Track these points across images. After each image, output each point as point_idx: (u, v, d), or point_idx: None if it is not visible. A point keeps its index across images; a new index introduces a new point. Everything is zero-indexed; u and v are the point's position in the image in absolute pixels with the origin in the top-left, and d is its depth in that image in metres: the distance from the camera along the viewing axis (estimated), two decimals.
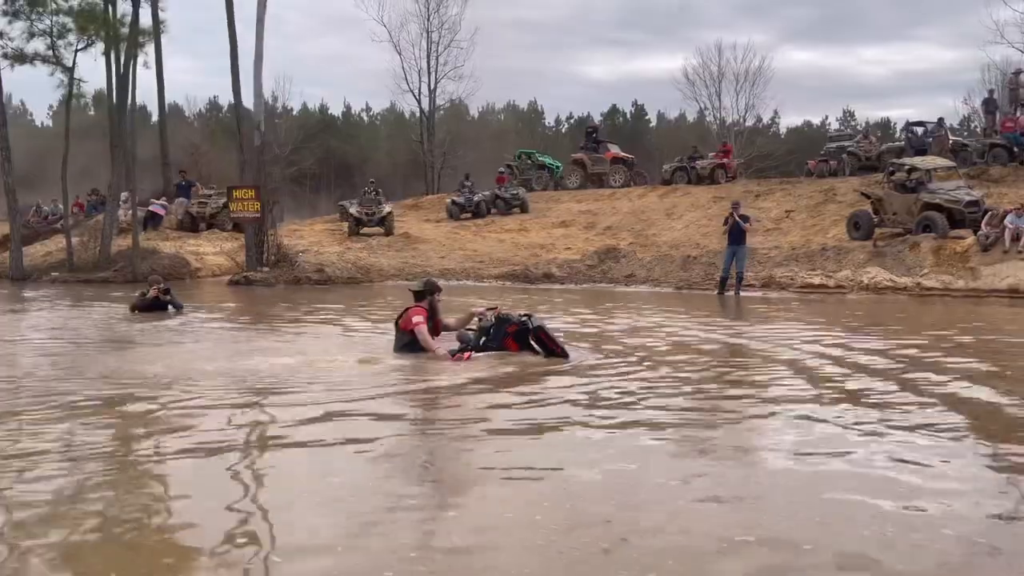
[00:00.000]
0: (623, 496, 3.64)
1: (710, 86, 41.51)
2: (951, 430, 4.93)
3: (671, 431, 4.94)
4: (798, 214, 21.93)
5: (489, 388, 6.23)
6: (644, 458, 4.34)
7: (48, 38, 17.91)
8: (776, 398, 5.93)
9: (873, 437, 4.74)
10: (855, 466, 4.16)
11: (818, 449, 4.50)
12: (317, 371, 6.88)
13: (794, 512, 3.46)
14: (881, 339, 8.88)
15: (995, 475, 4.13)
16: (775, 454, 4.46)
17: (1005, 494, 3.82)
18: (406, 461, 4.31)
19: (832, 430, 4.93)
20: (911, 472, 4.04)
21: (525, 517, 3.34)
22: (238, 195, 17.20)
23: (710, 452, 4.45)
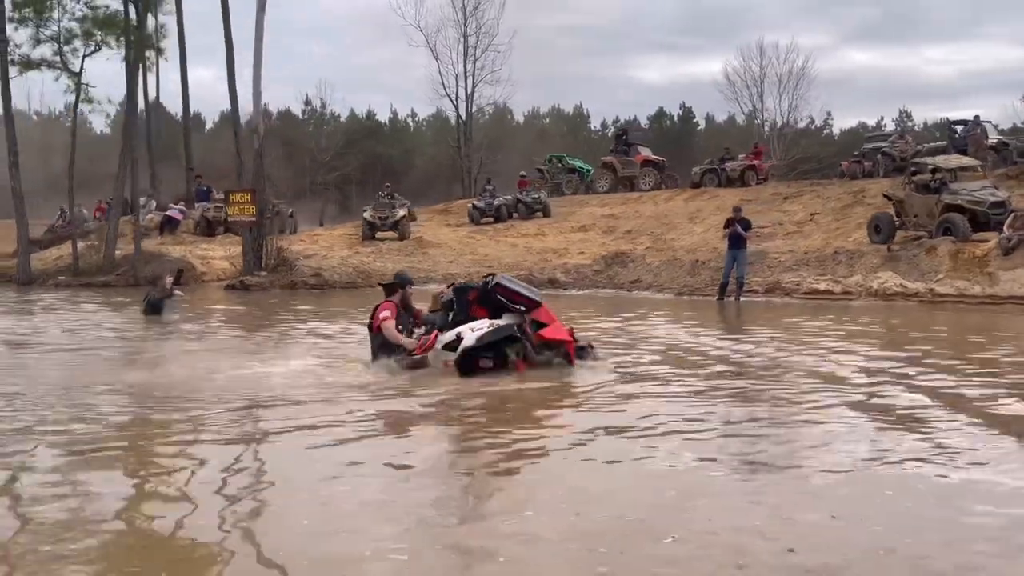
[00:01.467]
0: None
1: (751, 87, 40.41)
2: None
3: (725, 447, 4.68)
4: (823, 217, 21.06)
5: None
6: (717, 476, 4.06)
7: (55, 44, 18.38)
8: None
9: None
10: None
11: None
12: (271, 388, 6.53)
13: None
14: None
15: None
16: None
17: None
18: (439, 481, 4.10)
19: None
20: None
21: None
22: (235, 199, 17.30)
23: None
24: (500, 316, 6.76)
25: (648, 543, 3.12)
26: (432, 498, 3.60)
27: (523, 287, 7.07)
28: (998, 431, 4.99)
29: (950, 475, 4.11)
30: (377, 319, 7.09)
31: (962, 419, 5.29)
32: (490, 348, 6.60)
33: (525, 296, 6.87)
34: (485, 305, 6.85)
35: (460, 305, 6.91)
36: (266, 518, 3.49)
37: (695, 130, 57.52)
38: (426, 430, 5.16)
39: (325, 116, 54.69)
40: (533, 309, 6.88)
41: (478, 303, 6.88)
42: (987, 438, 4.84)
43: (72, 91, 19.12)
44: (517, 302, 6.80)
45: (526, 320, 6.79)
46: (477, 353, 6.55)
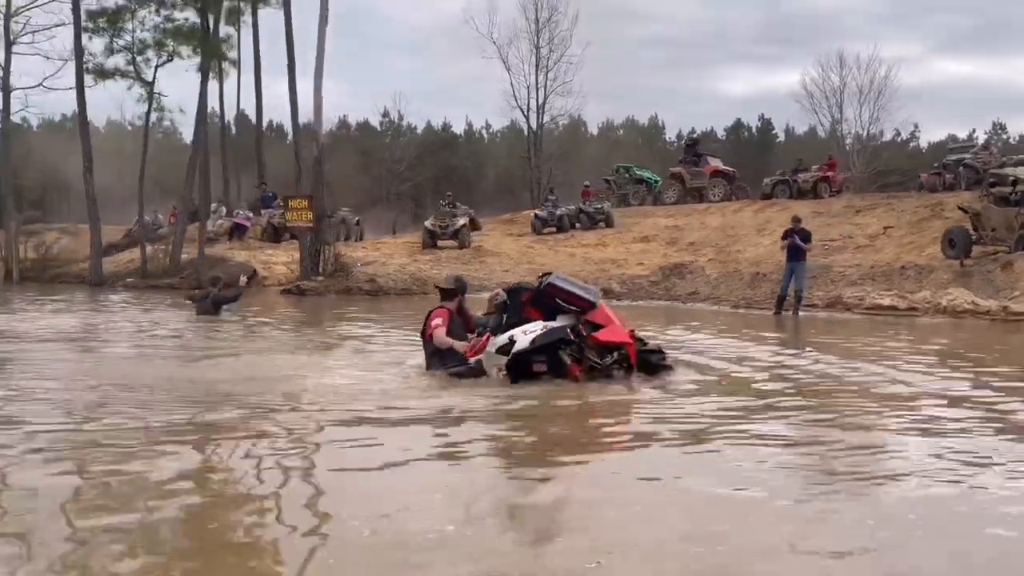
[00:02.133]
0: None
1: (830, 98, 39.23)
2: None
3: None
4: (897, 230, 20.21)
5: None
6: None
7: (129, 54, 19.16)
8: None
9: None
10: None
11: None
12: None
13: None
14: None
15: None
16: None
17: None
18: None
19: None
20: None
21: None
22: (293, 205, 17.65)
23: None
24: (555, 318, 6.40)
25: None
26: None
27: (578, 287, 6.69)
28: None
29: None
30: (429, 327, 6.86)
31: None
32: (543, 351, 6.23)
33: (579, 296, 6.50)
34: (539, 307, 6.49)
35: (513, 307, 6.57)
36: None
37: (774, 142, 56.23)
38: (476, 457, 4.58)
39: (402, 128, 55.83)
40: (588, 310, 6.51)
41: (531, 304, 6.52)
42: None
43: (145, 100, 19.95)
44: (571, 302, 6.45)
45: (581, 321, 6.43)
46: (530, 356, 6.20)
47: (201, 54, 19.25)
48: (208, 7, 18.90)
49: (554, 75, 40.20)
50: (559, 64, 40.07)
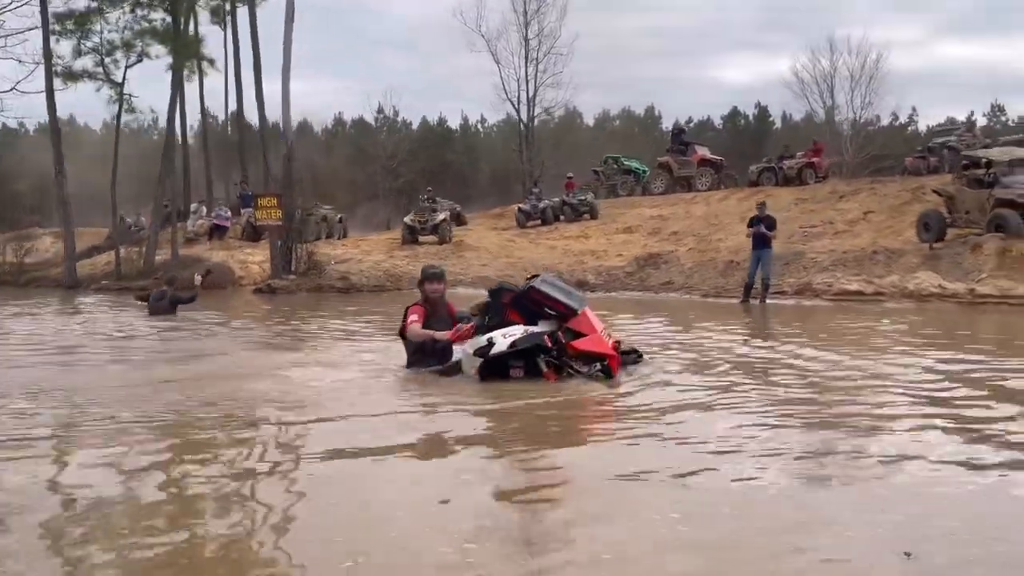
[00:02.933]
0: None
1: (821, 84, 38.94)
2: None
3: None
4: (878, 215, 20.06)
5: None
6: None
7: (97, 55, 19.11)
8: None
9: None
10: None
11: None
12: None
13: None
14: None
15: None
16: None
17: None
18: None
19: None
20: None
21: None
22: (262, 203, 17.60)
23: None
24: (536, 322, 6.18)
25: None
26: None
27: (562, 292, 6.38)
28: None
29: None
30: (405, 324, 6.56)
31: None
32: (521, 356, 6.02)
33: (561, 302, 6.20)
34: (520, 310, 6.24)
35: (495, 308, 6.34)
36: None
37: (771, 129, 55.88)
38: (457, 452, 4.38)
39: (397, 123, 55.86)
40: (570, 317, 6.22)
41: (513, 307, 6.27)
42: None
43: (115, 101, 19.94)
44: (553, 308, 6.17)
45: (561, 328, 6.16)
46: (508, 360, 6.02)
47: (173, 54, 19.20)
48: (177, 6, 18.84)
49: (544, 67, 40.00)
50: (549, 56, 39.87)
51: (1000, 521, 3.14)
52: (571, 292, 6.58)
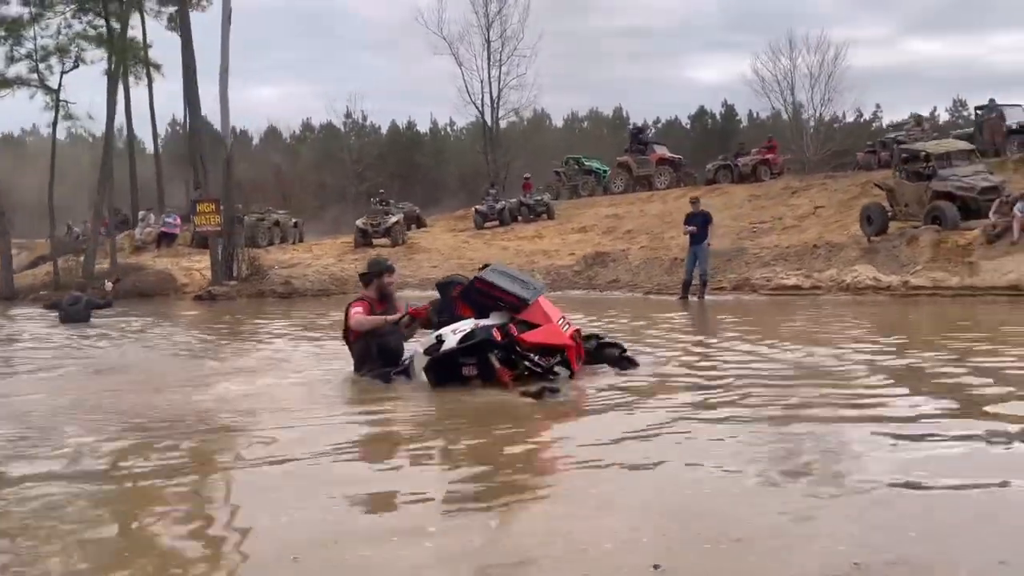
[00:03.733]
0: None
1: (781, 82, 39.08)
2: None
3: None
4: (827, 210, 20.13)
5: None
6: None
7: (31, 61, 18.82)
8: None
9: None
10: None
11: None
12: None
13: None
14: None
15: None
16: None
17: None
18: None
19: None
20: None
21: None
22: (201, 209, 17.38)
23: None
24: (487, 315, 5.72)
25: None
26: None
27: (511, 280, 5.92)
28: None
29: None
30: (350, 319, 5.98)
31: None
32: (472, 352, 5.52)
33: (508, 292, 5.74)
34: (469, 303, 5.79)
35: (444, 303, 5.91)
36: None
37: (737, 128, 56.14)
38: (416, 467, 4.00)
39: (366, 127, 55.65)
40: (521, 307, 5.76)
41: (462, 300, 5.82)
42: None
43: (51, 108, 19.63)
44: (501, 299, 5.71)
45: (513, 320, 5.71)
46: (458, 358, 5.53)
47: (108, 57, 18.88)
48: (108, 10, 18.56)
49: (507, 68, 39.91)
50: (512, 57, 39.79)
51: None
52: (526, 281, 6.14)
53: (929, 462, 3.59)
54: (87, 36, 18.75)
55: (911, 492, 3.16)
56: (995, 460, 3.66)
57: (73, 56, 19.16)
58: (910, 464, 3.53)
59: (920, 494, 3.15)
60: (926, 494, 3.16)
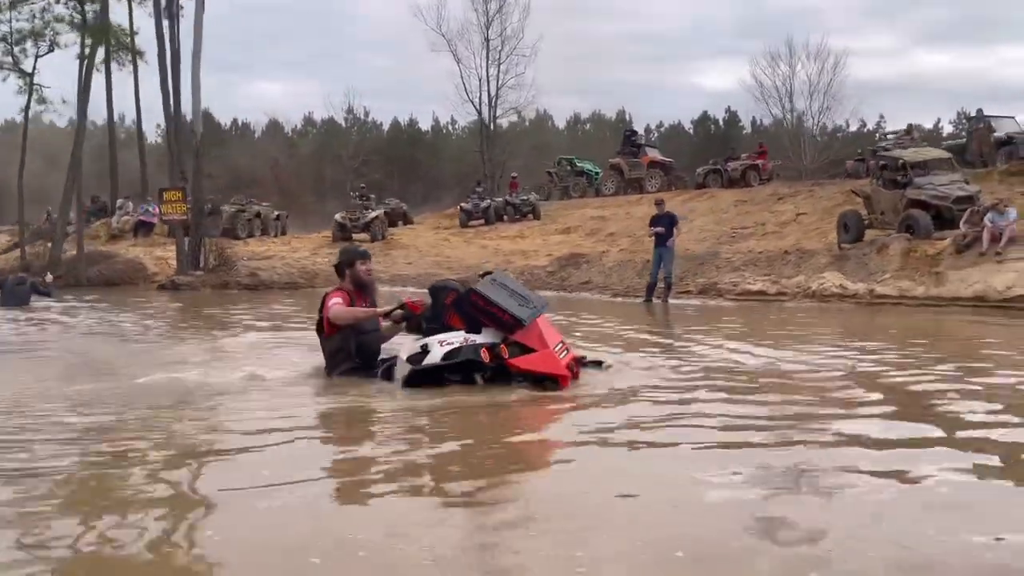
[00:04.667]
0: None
1: (780, 88, 38.97)
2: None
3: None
4: (810, 217, 19.91)
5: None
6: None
7: (6, 44, 18.70)
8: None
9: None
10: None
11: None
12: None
13: None
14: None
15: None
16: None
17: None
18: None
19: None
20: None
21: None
22: (168, 197, 17.23)
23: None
24: (479, 329, 5.16)
25: None
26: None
27: (510, 296, 5.25)
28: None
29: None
30: (325, 311, 5.37)
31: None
32: (456, 370, 5.08)
33: (504, 311, 5.08)
34: (461, 314, 5.19)
35: (435, 309, 5.29)
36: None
37: (740, 134, 55.90)
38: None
39: (367, 124, 55.70)
40: (515, 328, 5.12)
41: (455, 309, 5.21)
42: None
43: (24, 92, 19.53)
44: (494, 317, 5.12)
45: (506, 341, 5.12)
46: (441, 373, 5.08)
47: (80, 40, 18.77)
48: None
49: (506, 67, 39.86)
50: (512, 56, 39.71)
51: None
52: (526, 297, 5.42)
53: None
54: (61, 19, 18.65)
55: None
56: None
57: (48, 40, 19.08)
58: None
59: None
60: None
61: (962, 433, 3.96)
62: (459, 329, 5.16)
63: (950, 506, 2.92)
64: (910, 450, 3.71)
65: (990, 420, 4.23)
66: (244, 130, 59.99)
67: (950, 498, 3.02)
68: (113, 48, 21.34)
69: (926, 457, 3.55)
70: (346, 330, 5.41)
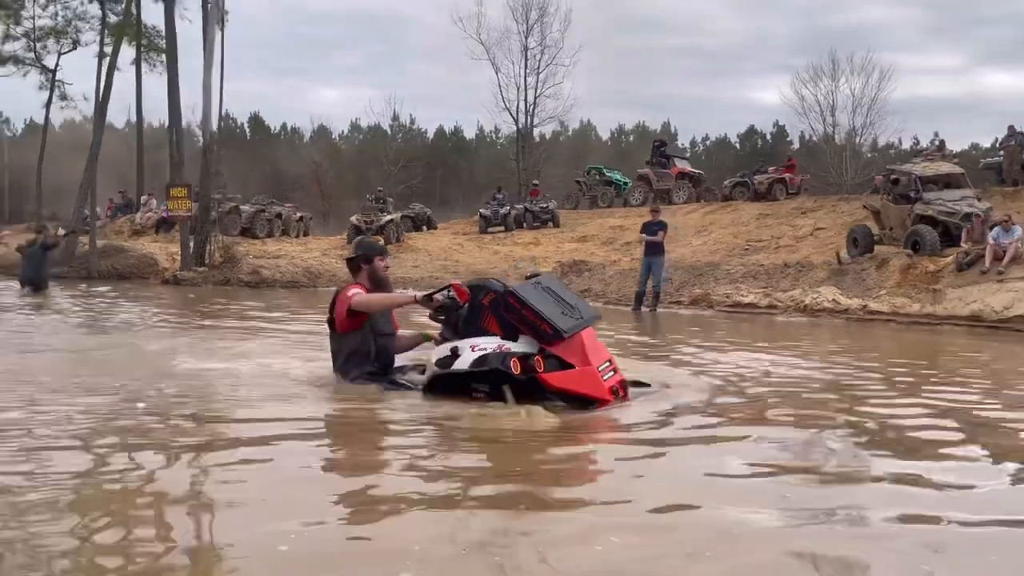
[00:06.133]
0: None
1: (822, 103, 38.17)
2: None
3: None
4: (827, 232, 19.42)
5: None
6: None
7: (28, 41, 19.29)
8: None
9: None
10: None
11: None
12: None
13: None
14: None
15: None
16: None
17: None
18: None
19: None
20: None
21: None
22: (174, 194, 17.54)
23: None
24: (516, 336, 4.60)
25: None
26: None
27: (553, 303, 4.66)
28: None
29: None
30: (344, 307, 4.83)
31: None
32: (484, 379, 4.55)
33: (543, 319, 4.50)
34: (498, 317, 4.64)
35: (473, 310, 4.72)
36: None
37: (788, 148, 54.94)
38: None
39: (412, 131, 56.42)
40: (555, 341, 4.54)
41: (491, 311, 4.66)
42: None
43: (45, 88, 20.12)
44: (532, 325, 4.55)
45: (542, 353, 4.55)
46: (468, 381, 4.60)
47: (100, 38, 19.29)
48: None
49: (545, 76, 39.91)
50: (551, 66, 39.75)
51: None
52: (573, 306, 4.79)
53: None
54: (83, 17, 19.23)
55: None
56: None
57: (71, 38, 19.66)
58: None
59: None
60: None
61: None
62: (495, 334, 4.62)
63: None
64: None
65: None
66: (293, 134, 61.23)
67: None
68: (144, 48, 21.91)
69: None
70: (365, 329, 4.92)
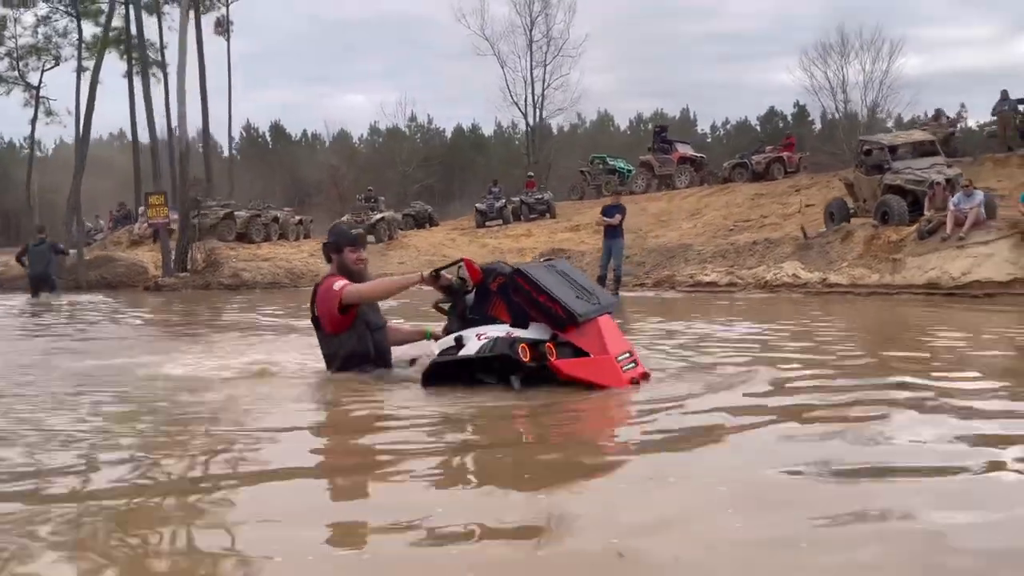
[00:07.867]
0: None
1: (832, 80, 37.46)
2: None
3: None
4: (816, 208, 19.03)
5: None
6: None
7: (11, 60, 19.85)
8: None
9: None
10: None
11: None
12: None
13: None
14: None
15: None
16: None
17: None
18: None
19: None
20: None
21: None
22: (152, 202, 17.88)
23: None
24: (526, 323, 4.16)
25: None
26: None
27: (564, 286, 4.19)
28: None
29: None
30: (327, 301, 4.31)
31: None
32: (489, 367, 4.14)
33: (555, 300, 4.06)
34: (507, 302, 4.18)
35: (480, 295, 4.26)
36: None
37: (810, 129, 54.00)
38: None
39: (429, 130, 56.82)
40: (568, 326, 4.11)
41: (500, 296, 4.20)
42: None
43: (30, 104, 20.65)
44: (543, 308, 4.09)
45: (554, 339, 4.12)
46: (473, 370, 4.18)
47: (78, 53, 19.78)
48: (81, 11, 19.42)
49: (552, 68, 39.83)
50: (557, 58, 39.66)
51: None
52: (589, 291, 4.38)
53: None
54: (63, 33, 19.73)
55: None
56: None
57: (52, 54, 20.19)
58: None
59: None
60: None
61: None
62: (504, 322, 4.18)
63: None
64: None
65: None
66: (313, 140, 61.97)
67: None
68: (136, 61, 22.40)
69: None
70: (360, 327, 4.40)
